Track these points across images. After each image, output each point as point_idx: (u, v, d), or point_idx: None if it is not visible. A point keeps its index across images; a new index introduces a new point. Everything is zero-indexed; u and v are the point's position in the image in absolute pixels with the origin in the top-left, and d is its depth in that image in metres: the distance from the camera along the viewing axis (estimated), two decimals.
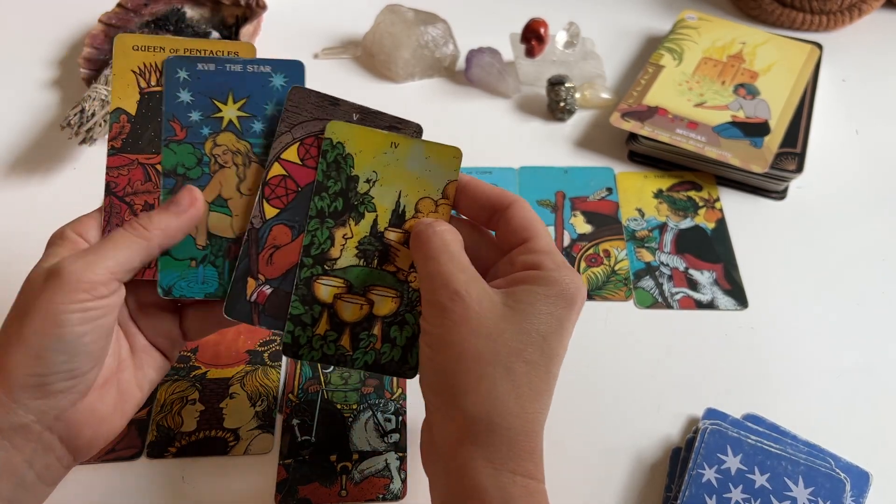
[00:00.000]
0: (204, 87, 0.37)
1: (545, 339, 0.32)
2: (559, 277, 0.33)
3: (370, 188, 0.37)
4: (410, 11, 0.69)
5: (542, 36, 0.66)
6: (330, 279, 0.37)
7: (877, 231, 0.57)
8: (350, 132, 0.37)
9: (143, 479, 0.43)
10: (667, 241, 0.56)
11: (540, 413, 0.32)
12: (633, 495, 0.43)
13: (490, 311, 0.32)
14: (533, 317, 0.32)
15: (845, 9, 0.73)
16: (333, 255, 0.37)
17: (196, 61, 0.37)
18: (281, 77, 0.38)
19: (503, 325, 0.32)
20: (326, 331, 0.37)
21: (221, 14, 0.71)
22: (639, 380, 0.48)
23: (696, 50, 0.68)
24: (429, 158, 0.37)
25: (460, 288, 0.32)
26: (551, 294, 0.33)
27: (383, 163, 0.37)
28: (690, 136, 0.59)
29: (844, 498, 0.40)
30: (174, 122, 0.37)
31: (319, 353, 0.37)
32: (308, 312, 0.37)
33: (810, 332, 0.50)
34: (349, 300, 0.37)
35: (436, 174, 0.37)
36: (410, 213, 0.37)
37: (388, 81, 0.70)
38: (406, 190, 0.37)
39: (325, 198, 0.37)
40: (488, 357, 0.31)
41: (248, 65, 0.38)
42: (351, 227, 0.37)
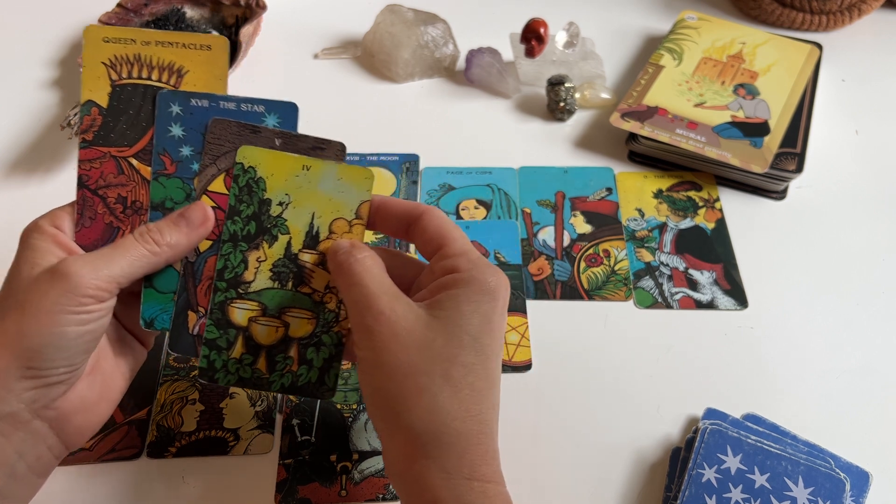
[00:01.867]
0: (196, 122, 0.37)
1: (476, 338, 0.33)
2: (477, 275, 0.34)
3: (283, 211, 0.37)
4: (410, 11, 0.69)
5: (541, 36, 0.66)
6: (244, 302, 0.37)
7: (877, 231, 0.57)
8: (261, 156, 0.37)
9: (144, 479, 0.43)
10: (666, 241, 0.56)
11: (487, 413, 0.32)
12: (633, 495, 0.43)
13: (417, 324, 0.32)
14: (459, 319, 0.33)
15: (845, 9, 0.73)
16: (247, 278, 0.37)
17: (189, 97, 0.37)
18: (274, 117, 0.38)
19: (432, 335, 0.32)
20: (242, 354, 0.37)
21: (221, 14, 0.71)
22: (639, 380, 0.48)
23: (696, 50, 0.68)
24: (341, 180, 0.37)
25: (384, 308, 0.33)
26: (472, 293, 0.33)
27: (296, 185, 0.37)
28: (690, 136, 0.59)
29: (844, 498, 0.40)
30: (164, 157, 0.37)
31: (235, 376, 0.37)
32: (223, 336, 0.37)
33: (810, 331, 0.50)
34: (264, 323, 0.37)
35: (349, 195, 0.37)
36: (325, 234, 0.37)
37: (388, 81, 0.70)
38: (319, 211, 0.37)
39: (238, 222, 0.37)
40: (423, 368, 0.32)
41: (242, 104, 0.37)
42: (265, 249, 0.37)
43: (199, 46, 0.38)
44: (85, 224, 0.37)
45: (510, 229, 0.56)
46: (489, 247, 0.55)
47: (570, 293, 0.53)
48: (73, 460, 0.44)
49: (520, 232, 0.56)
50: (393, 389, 0.32)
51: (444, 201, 0.59)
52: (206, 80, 0.38)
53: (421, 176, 0.61)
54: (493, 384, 0.33)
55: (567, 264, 0.54)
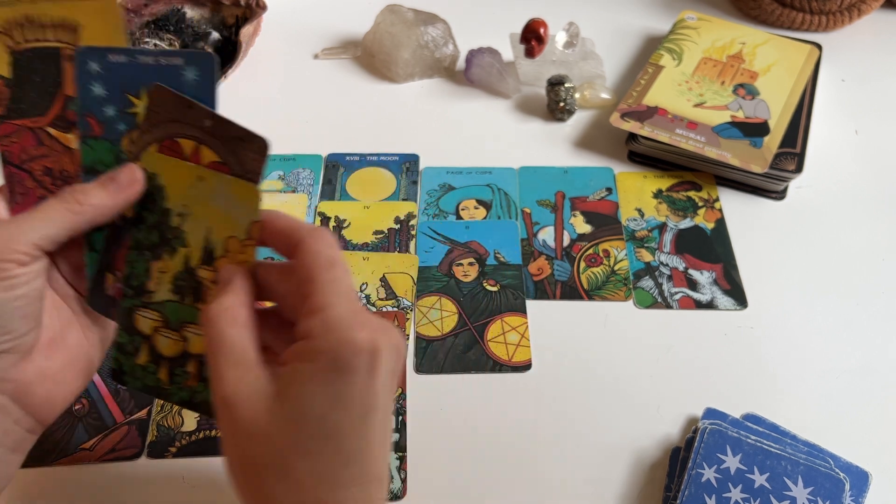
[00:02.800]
0: (117, 80, 0.35)
1: (323, 419, 0.29)
2: (327, 347, 0.29)
3: (182, 222, 0.35)
4: (410, 11, 0.69)
5: (541, 36, 0.66)
6: (149, 311, 0.36)
7: (876, 231, 0.57)
8: (159, 163, 0.35)
9: (144, 479, 0.43)
10: (666, 241, 0.56)
11: (341, 496, 0.30)
12: (633, 495, 0.43)
13: (260, 410, 0.29)
14: (302, 402, 0.29)
15: (845, 9, 0.73)
16: (151, 287, 0.36)
17: (106, 52, 0.35)
18: (193, 70, 0.35)
19: (274, 423, 0.29)
20: (147, 362, 0.36)
21: (221, 14, 0.71)
22: (638, 380, 0.48)
23: (696, 50, 0.68)
24: (232, 196, 0.35)
25: (228, 393, 0.30)
26: (318, 369, 0.29)
27: (193, 197, 0.35)
28: (690, 136, 0.59)
29: (844, 498, 0.40)
30: (90, 118, 0.36)
31: (141, 382, 0.37)
32: (130, 342, 0.36)
33: (810, 331, 0.50)
34: (166, 335, 0.36)
35: (241, 213, 0.35)
36: (220, 253, 0.35)
37: (388, 81, 0.70)
38: (215, 227, 0.35)
39: (142, 229, 0.36)
40: (262, 461, 0.29)
41: (161, 56, 0.35)
42: (166, 260, 0.36)
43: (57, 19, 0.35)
44: (17, 201, 0.37)
45: (510, 229, 0.57)
46: (489, 247, 0.55)
47: (569, 293, 0.53)
48: (74, 460, 0.44)
49: (520, 232, 0.56)
50: (239, 479, 0.30)
51: (444, 201, 0.59)
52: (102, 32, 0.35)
53: (421, 176, 0.61)
54: (347, 462, 0.30)
55: (567, 264, 0.54)
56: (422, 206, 0.58)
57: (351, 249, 0.55)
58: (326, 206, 0.58)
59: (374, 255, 0.55)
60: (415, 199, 0.59)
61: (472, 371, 0.48)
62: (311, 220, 0.57)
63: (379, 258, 0.54)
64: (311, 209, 0.58)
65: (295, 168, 0.61)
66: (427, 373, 0.48)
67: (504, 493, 0.43)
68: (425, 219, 0.57)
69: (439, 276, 0.53)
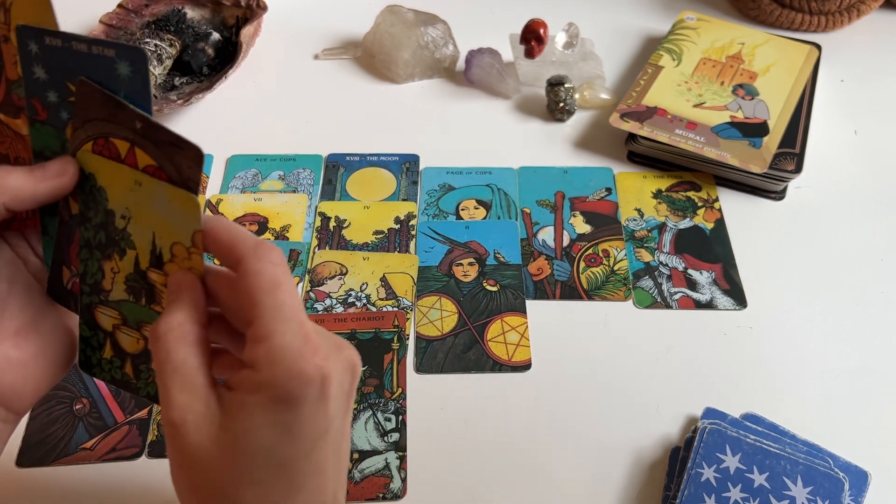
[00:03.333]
0: (56, 64, 0.34)
1: (271, 450, 0.28)
2: (271, 379, 0.28)
3: (126, 224, 0.34)
4: (410, 12, 0.69)
5: (541, 36, 0.66)
6: (107, 309, 0.36)
7: (875, 231, 0.57)
8: (97, 164, 0.34)
9: (144, 478, 0.43)
10: (666, 241, 0.56)
11: None
12: (633, 495, 0.43)
13: (207, 439, 0.28)
14: (249, 434, 0.28)
15: (844, 9, 0.73)
16: (106, 287, 0.35)
17: (43, 34, 0.33)
18: (126, 65, 0.33)
19: (221, 452, 0.28)
20: (112, 356, 0.36)
21: (222, 15, 0.71)
22: (638, 379, 0.48)
23: (695, 50, 0.68)
24: (171, 203, 0.33)
25: (175, 418, 0.29)
26: (265, 401, 0.28)
27: (133, 200, 0.34)
28: (689, 136, 0.59)
29: (843, 497, 0.40)
30: (35, 101, 0.34)
31: (109, 375, 0.36)
32: (94, 336, 0.36)
33: (809, 331, 0.50)
34: (126, 333, 0.36)
35: (181, 221, 0.33)
36: (167, 257, 0.34)
37: (388, 82, 0.70)
38: (159, 232, 0.34)
39: (90, 229, 0.35)
40: (209, 488, 0.29)
41: (93, 45, 0.33)
42: (116, 261, 0.35)
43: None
44: None
45: (510, 229, 0.57)
46: (489, 247, 0.55)
47: (569, 293, 0.53)
48: (74, 460, 0.44)
49: (519, 232, 0.56)
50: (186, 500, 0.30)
51: (444, 201, 0.59)
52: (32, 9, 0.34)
53: (421, 176, 0.61)
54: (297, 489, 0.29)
55: (566, 264, 0.54)
56: (422, 206, 0.58)
57: (351, 249, 0.55)
58: (326, 206, 0.58)
59: (374, 255, 0.55)
60: (415, 199, 0.59)
61: (471, 371, 0.48)
62: (311, 220, 0.57)
63: (379, 258, 0.55)
64: (311, 209, 0.58)
65: (295, 168, 0.61)
66: (427, 373, 0.48)
67: (504, 492, 0.43)
68: (425, 219, 0.57)
69: (439, 276, 0.54)
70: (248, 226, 0.57)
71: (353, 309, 0.51)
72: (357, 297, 0.52)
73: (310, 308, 0.51)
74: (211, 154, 0.62)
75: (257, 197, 0.59)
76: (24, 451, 0.44)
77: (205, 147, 0.33)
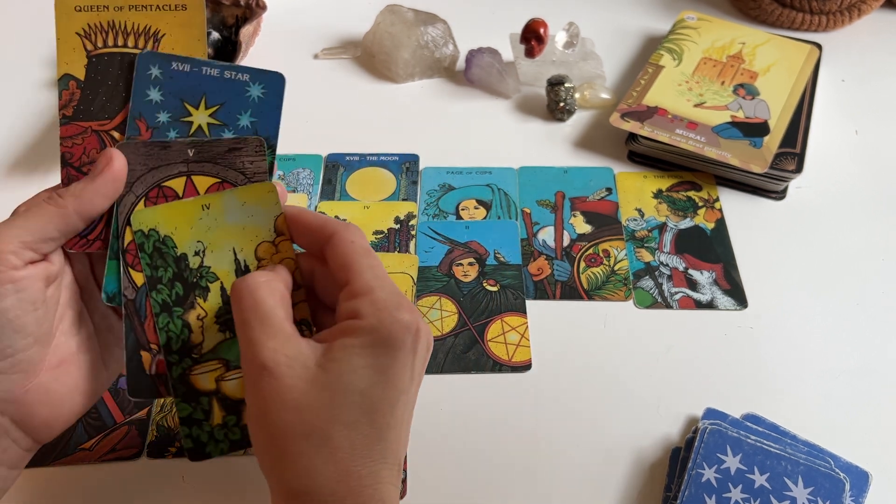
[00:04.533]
0: (176, 87, 0.35)
1: (364, 394, 0.30)
2: (376, 324, 0.31)
3: (202, 260, 0.35)
4: (410, 12, 0.69)
5: (541, 36, 0.66)
6: (204, 366, 0.35)
7: (876, 231, 0.57)
8: (156, 215, 0.35)
9: (144, 478, 0.43)
10: (666, 241, 0.56)
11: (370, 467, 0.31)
12: (633, 495, 0.43)
13: (301, 380, 0.30)
14: (347, 374, 0.30)
15: (845, 9, 0.73)
16: (196, 340, 0.35)
17: (171, 60, 0.35)
18: (259, 88, 0.36)
19: (315, 392, 0.30)
20: (224, 417, 0.35)
21: (221, 14, 0.71)
22: (638, 380, 0.48)
23: (696, 50, 0.68)
24: (246, 204, 0.35)
25: (267, 360, 0.30)
26: (367, 344, 0.30)
27: (204, 228, 0.34)
28: (690, 136, 0.59)
29: (844, 498, 0.40)
30: (140, 121, 0.35)
31: (226, 442, 0.35)
32: (197, 408, 0.35)
33: (810, 331, 0.50)
34: (233, 377, 0.35)
35: (260, 216, 0.35)
36: (254, 264, 0.35)
37: (388, 82, 0.70)
38: (239, 244, 0.35)
39: (163, 290, 0.34)
40: (300, 430, 0.30)
41: (226, 70, 0.35)
42: (201, 305, 0.35)
43: (173, 7, 0.36)
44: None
45: (510, 229, 0.57)
46: (489, 247, 0.55)
47: (569, 293, 0.53)
48: (74, 460, 0.44)
49: (520, 232, 0.56)
50: (272, 447, 0.30)
51: (443, 201, 0.59)
52: (184, 43, 0.36)
53: (421, 176, 0.61)
54: (379, 437, 0.31)
55: (567, 264, 0.54)
56: (422, 206, 0.58)
57: None
58: (326, 206, 0.58)
59: None
60: (415, 199, 0.59)
61: (472, 371, 0.48)
62: None
63: (379, 258, 0.54)
64: (310, 209, 0.58)
65: (295, 168, 0.61)
66: (427, 373, 0.48)
67: (504, 492, 0.43)
68: (425, 219, 0.57)
69: (439, 276, 0.53)
70: None
71: None
72: None
73: None
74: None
75: None
76: None
77: None
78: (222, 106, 0.36)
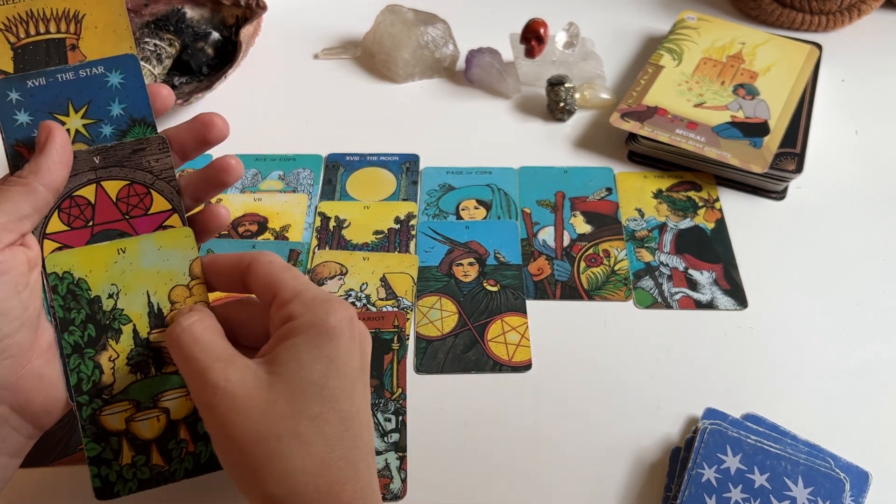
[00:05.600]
0: (40, 103, 0.35)
1: (321, 385, 0.31)
2: (312, 318, 0.32)
3: (116, 302, 0.35)
4: (410, 12, 0.69)
5: (541, 36, 0.66)
6: (114, 406, 0.35)
7: (876, 231, 0.57)
8: (71, 257, 0.35)
9: None
10: (666, 241, 0.56)
11: (348, 455, 0.31)
12: (633, 495, 0.43)
13: (256, 388, 0.31)
14: (299, 371, 0.31)
15: (845, 9, 0.73)
16: (107, 381, 0.35)
17: (25, 79, 0.35)
18: (117, 75, 0.36)
19: (273, 396, 0.31)
20: (133, 457, 0.35)
21: (222, 14, 0.71)
22: (638, 380, 0.48)
23: (696, 50, 0.68)
24: (162, 248, 0.35)
25: (219, 380, 0.31)
26: (310, 339, 0.32)
27: (119, 272, 0.35)
28: (690, 136, 0.59)
29: (844, 498, 0.40)
30: (20, 148, 0.35)
31: (135, 482, 0.35)
32: (106, 448, 0.35)
33: (810, 331, 0.50)
34: (142, 418, 0.35)
35: (175, 260, 0.35)
36: (167, 308, 0.35)
37: (388, 82, 0.70)
38: (153, 287, 0.35)
39: (75, 331, 0.35)
40: (269, 434, 0.30)
41: (80, 69, 0.35)
42: (113, 347, 0.35)
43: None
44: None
45: (510, 229, 0.57)
46: (489, 247, 0.55)
47: (569, 293, 0.53)
48: (74, 460, 0.44)
49: (520, 232, 0.56)
50: (245, 461, 0.31)
51: (443, 201, 0.59)
52: (106, 19, 0.36)
53: (421, 176, 0.61)
54: (346, 425, 0.32)
55: (567, 264, 0.54)
56: (422, 206, 0.58)
57: (351, 249, 0.55)
58: (326, 206, 0.58)
59: (374, 255, 0.55)
60: (415, 199, 0.59)
61: (472, 371, 0.48)
62: (311, 220, 0.57)
63: (379, 258, 0.54)
64: (311, 209, 0.58)
65: (295, 168, 0.61)
66: (427, 373, 0.48)
67: (504, 492, 0.43)
68: (425, 219, 0.57)
69: (439, 276, 0.54)
70: (247, 225, 0.57)
71: None
72: (357, 298, 0.52)
73: None
74: (210, 154, 0.62)
75: (257, 197, 0.59)
76: None
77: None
78: (90, 104, 0.36)
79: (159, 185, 0.36)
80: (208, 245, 0.55)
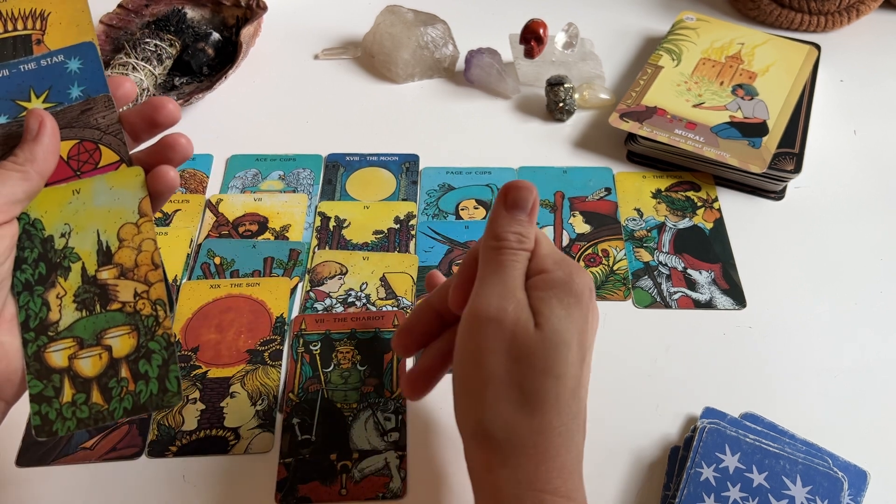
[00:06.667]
0: (3, 92, 0.37)
1: (571, 348, 0.32)
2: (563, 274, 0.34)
3: (67, 241, 0.36)
4: (410, 12, 0.69)
5: (541, 37, 0.66)
6: (58, 343, 0.36)
7: (874, 231, 0.57)
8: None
9: (144, 478, 0.43)
10: (665, 241, 0.56)
11: (569, 425, 0.32)
12: (632, 494, 0.43)
13: (524, 331, 0.32)
14: (558, 327, 0.32)
15: (843, 9, 0.73)
16: (53, 318, 0.36)
17: None
18: (76, 61, 0.37)
19: (533, 345, 0.32)
20: (73, 395, 0.35)
21: (222, 15, 0.71)
22: (637, 379, 0.48)
23: (695, 50, 0.68)
24: (114, 188, 0.37)
25: (496, 308, 0.33)
26: (557, 294, 0.33)
27: (72, 212, 0.36)
28: (689, 136, 0.59)
29: (842, 497, 0.40)
30: None
31: (74, 420, 0.35)
32: (48, 385, 0.35)
33: (808, 331, 0.51)
34: (85, 355, 0.36)
35: (125, 200, 0.37)
36: (115, 246, 0.36)
37: (388, 82, 0.70)
38: (103, 227, 0.36)
39: (27, 269, 0.36)
40: (515, 380, 0.32)
41: (42, 59, 0.37)
42: (61, 284, 0.36)
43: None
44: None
45: None
46: None
47: None
48: (74, 459, 0.44)
49: None
50: (483, 394, 0.32)
51: (443, 201, 0.59)
52: (70, 15, 0.37)
53: (421, 176, 0.61)
54: (576, 393, 0.33)
55: None
56: (421, 206, 0.58)
57: (351, 249, 0.55)
58: (326, 206, 0.58)
59: (374, 255, 0.55)
60: (415, 199, 0.59)
61: None
62: (311, 220, 0.57)
63: (379, 258, 0.55)
64: (311, 209, 0.58)
65: (295, 168, 0.61)
66: None
67: None
68: (425, 219, 0.58)
69: None
70: (247, 225, 0.57)
71: (353, 309, 0.51)
72: (357, 297, 0.52)
73: (310, 308, 0.51)
74: (211, 154, 0.62)
75: (257, 197, 0.59)
76: (23, 451, 0.44)
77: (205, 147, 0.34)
78: (50, 90, 0.37)
79: (107, 140, 0.37)
80: (209, 245, 0.55)
